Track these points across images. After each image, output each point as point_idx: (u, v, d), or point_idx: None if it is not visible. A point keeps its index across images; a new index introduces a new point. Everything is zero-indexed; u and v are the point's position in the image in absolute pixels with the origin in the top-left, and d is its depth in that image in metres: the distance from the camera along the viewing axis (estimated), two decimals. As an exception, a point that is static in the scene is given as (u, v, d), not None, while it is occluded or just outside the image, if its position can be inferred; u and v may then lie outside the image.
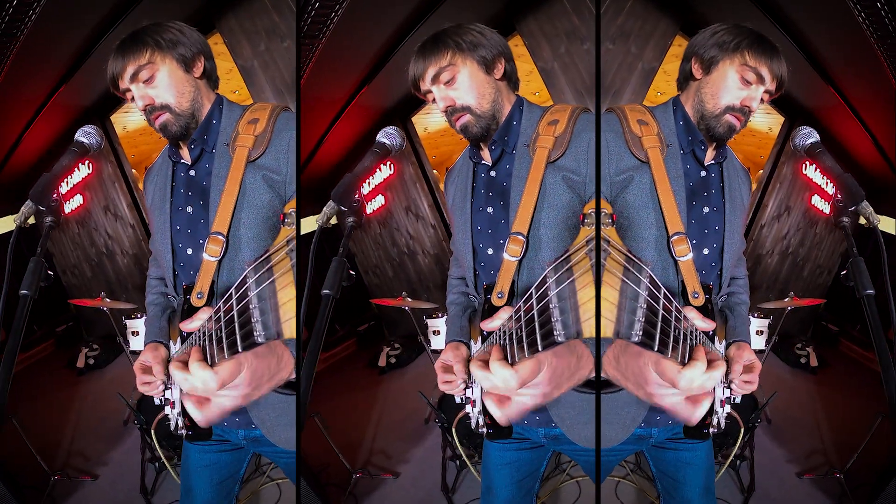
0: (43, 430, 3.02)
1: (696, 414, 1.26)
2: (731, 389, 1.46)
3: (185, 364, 1.23)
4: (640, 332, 1.07)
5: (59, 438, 3.07)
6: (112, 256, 3.93)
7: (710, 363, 1.19)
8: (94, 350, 3.69)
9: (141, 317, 3.18)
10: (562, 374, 1.23)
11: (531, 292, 1.18)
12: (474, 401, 1.41)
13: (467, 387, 1.44)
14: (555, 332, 1.14)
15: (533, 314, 1.16)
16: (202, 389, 1.22)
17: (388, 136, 1.53)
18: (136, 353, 3.16)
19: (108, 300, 3.19)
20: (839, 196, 1.42)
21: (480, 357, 1.23)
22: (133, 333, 3.10)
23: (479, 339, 1.45)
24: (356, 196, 1.38)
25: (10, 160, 3.33)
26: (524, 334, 1.17)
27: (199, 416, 1.28)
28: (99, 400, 3.40)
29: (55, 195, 1.46)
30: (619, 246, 1.18)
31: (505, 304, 1.41)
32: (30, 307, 1.31)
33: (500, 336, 1.24)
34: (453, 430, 2.55)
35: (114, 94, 1.56)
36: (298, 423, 1.40)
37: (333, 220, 1.41)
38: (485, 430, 1.45)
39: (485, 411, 1.40)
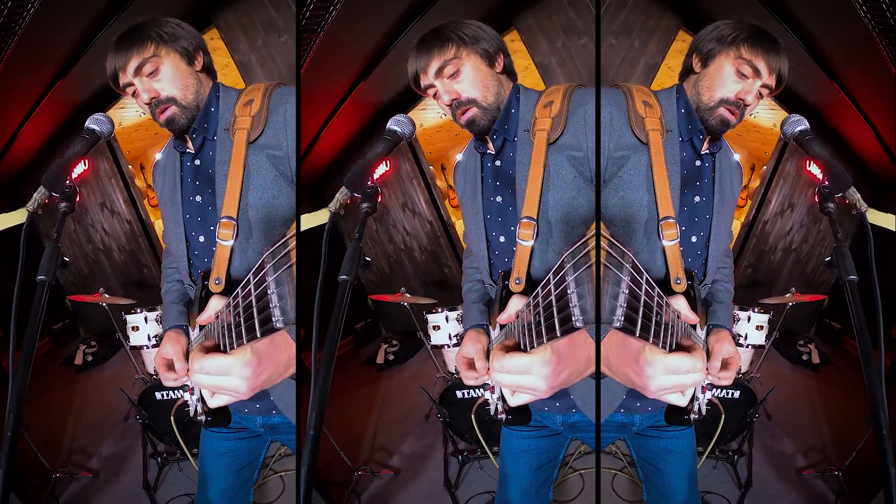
0: (43, 428, 3.00)
1: (683, 399, 1.28)
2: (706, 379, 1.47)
3: (203, 352, 1.25)
4: (623, 318, 1.08)
5: (59, 436, 3.05)
6: (109, 252, 3.91)
7: (690, 348, 1.21)
8: (91, 347, 3.66)
9: (140, 312, 3.16)
10: (568, 359, 1.24)
11: (549, 278, 1.19)
12: (493, 387, 1.42)
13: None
14: (573, 318, 1.15)
15: (551, 299, 1.17)
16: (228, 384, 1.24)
17: (399, 123, 1.52)
18: (137, 350, 3.15)
19: (106, 296, 3.17)
20: (826, 182, 1.42)
21: (501, 345, 1.24)
22: (133, 329, 3.08)
23: (498, 326, 1.46)
24: (369, 182, 1.37)
25: (6, 156, 3.30)
26: (542, 319, 1.18)
27: (210, 401, 1.30)
28: (99, 396, 3.38)
29: (68, 181, 1.45)
30: (603, 232, 1.19)
31: (518, 293, 1.42)
32: (48, 293, 1.30)
33: (517, 325, 1.25)
34: (473, 416, 2.55)
35: (112, 90, 1.54)
36: (298, 416, 1.40)
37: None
38: (504, 416, 1.45)
39: (503, 397, 1.41)
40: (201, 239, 1.54)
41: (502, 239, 1.54)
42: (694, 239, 1.53)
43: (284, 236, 1.22)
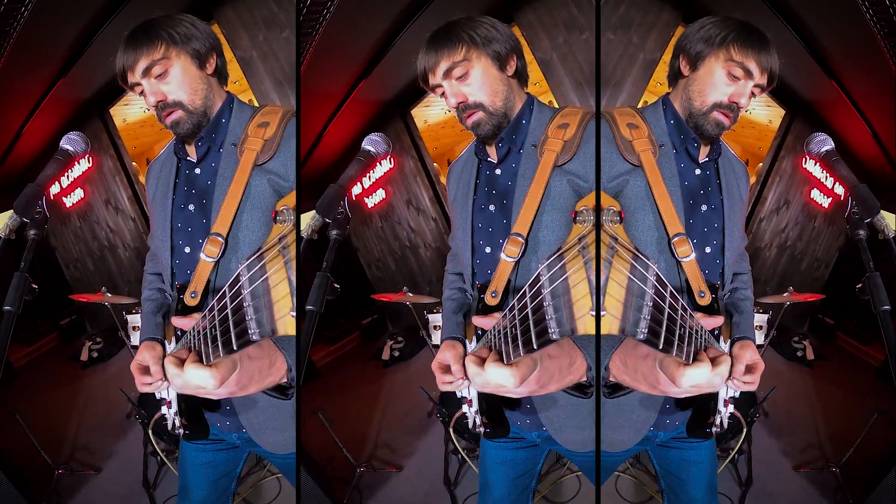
0: (47, 425, 3.03)
1: (717, 381, 1.25)
2: (731, 386, 1.46)
3: (180, 361, 1.24)
4: (646, 330, 1.06)
5: (63, 432, 3.09)
6: (114, 250, 3.93)
7: (714, 360, 1.19)
8: (97, 343, 3.69)
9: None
10: (552, 376, 1.23)
11: (524, 290, 1.18)
12: (471, 400, 1.41)
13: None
14: (549, 330, 1.14)
15: (527, 312, 1.16)
16: (201, 390, 1.24)
17: (372, 143, 1.52)
18: (138, 349, 3.17)
19: (108, 295, 3.20)
20: (855, 209, 1.39)
21: (476, 354, 1.23)
22: (134, 328, 3.11)
23: (475, 337, 1.45)
24: (339, 209, 1.36)
25: (10, 156, 3.33)
26: (518, 332, 1.17)
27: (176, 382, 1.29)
28: (103, 393, 3.41)
29: (39, 207, 1.44)
30: (627, 243, 1.17)
31: (493, 306, 1.41)
32: (13, 324, 1.30)
33: (494, 335, 1.25)
34: (450, 428, 2.56)
35: (120, 86, 1.51)
36: (298, 423, 1.40)
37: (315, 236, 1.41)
38: (482, 429, 1.44)
39: (481, 411, 1.40)
40: (187, 250, 1.52)
41: (488, 249, 1.52)
42: (708, 249, 1.50)
43: (260, 249, 1.22)
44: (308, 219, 1.55)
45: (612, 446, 1.55)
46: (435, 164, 4.15)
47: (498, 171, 1.53)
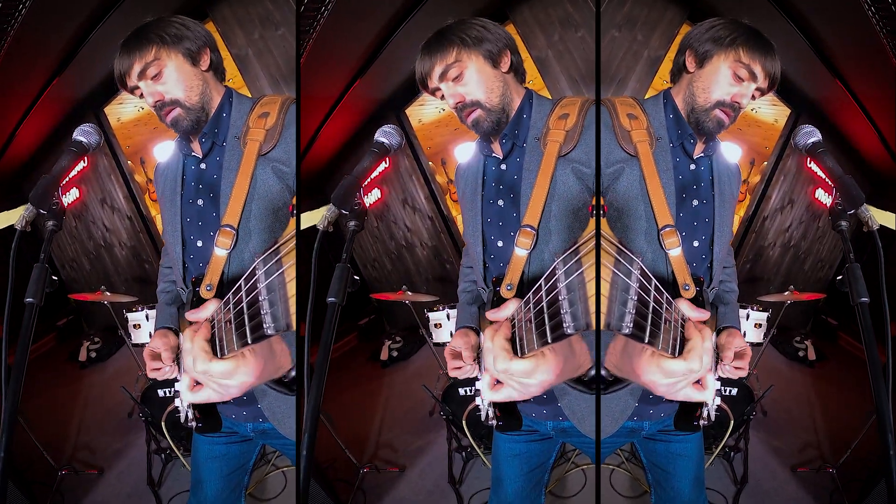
0: (48, 426, 3.01)
1: (708, 394, 1.30)
2: (721, 373, 1.47)
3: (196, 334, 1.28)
4: (631, 324, 1.07)
5: (64, 433, 3.07)
6: (110, 249, 3.91)
7: (701, 333, 1.23)
8: (95, 343, 3.67)
9: (141, 309, 3.17)
10: (557, 381, 1.25)
11: (540, 283, 1.19)
12: (484, 392, 1.42)
13: (476, 379, 1.45)
14: (564, 324, 1.15)
15: (542, 306, 1.17)
16: (190, 367, 1.26)
17: (386, 134, 1.53)
18: (138, 347, 3.17)
19: (108, 294, 3.19)
20: (838, 199, 1.41)
21: (493, 328, 1.26)
22: (135, 326, 3.10)
23: (488, 330, 1.46)
24: (357, 199, 1.38)
25: (6, 155, 3.30)
26: (533, 325, 1.18)
27: (186, 395, 1.32)
28: (103, 393, 3.40)
29: (56, 198, 1.44)
30: (611, 237, 1.19)
31: (513, 296, 1.43)
32: (36, 315, 1.30)
33: (513, 324, 1.26)
34: (463, 422, 2.57)
35: (114, 86, 1.57)
36: (298, 425, 1.41)
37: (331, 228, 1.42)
38: (494, 422, 1.46)
39: (494, 404, 1.41)
40: (199, 244, 1.55)
41: (500, 243, 1.55)
42: (696, 244, 1.53)
43: (276, 243, 1.23)
44: (308, 218, 1.57)
45: (591, 433, 1.57)
46: (430, 163, 4.16)
47: (504, 167, 1.57)
